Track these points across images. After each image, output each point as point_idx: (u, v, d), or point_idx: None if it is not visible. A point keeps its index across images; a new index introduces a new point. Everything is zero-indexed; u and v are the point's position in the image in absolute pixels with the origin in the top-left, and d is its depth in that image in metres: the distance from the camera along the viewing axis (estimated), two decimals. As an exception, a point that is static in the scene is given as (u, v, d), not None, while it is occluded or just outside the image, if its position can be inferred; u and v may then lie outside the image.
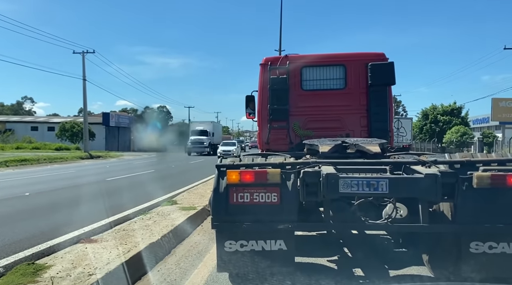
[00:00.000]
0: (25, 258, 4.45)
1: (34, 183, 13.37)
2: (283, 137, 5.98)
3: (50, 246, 4.91)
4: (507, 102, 37.88)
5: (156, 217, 6.50)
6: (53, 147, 38.75)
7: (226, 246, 3.58)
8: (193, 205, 7.63)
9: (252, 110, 6.53)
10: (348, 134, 5.74)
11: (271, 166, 3.61)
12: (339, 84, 6.05)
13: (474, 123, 48.89)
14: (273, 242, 3.54)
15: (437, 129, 44.92)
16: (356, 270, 4.23)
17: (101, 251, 4.47)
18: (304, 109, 5.98)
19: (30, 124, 55.21)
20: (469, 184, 3.33)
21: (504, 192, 3.30)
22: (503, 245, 3.37)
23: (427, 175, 3.24)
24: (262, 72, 6.07)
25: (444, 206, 3.57)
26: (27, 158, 23.94)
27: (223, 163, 3.72)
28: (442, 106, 46.41)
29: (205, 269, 4.36)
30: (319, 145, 4.33)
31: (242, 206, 3.49)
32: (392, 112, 6.07)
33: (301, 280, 3.73)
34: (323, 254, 4.75)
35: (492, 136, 38.81)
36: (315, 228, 4.59)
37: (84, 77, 34.22)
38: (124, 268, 3.91)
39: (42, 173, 17.48)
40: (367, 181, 3.28)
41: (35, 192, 10.80)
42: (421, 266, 4.15)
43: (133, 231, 5.47)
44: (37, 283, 3.50)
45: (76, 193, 10.70)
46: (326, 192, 3.27)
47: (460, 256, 3.43)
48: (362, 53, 6.14)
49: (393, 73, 5.76)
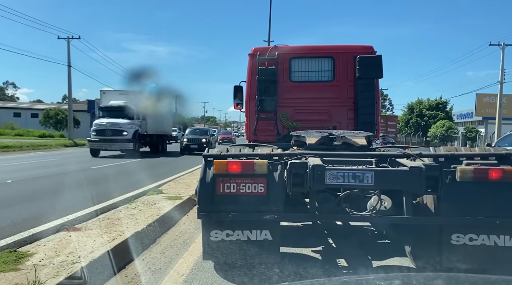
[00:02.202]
0: (6, 245, 4.38)
1: (16, 170, 13.13)
2: (270, 128, 5.99)
3: (33, 234, 4.84)
4: (490, 98, 38.57)
5: (141, 206, 6.46)
6: (37, 134, 38.09)
7: (212, 235, 3.59)
8: (179, 195, 7.60)
9: (240, 100, 6.51)
10: (335, 126, 5.78)
11: (258, 157, 3.61)
12: (327, 76, 6.07)
13: (458, 118, 49.70)
14: (259, 232, 3.56)
15: (422, 123, 45.55)
16: (340, 260, 4.29)
17: (85, 239, 4.43)
18: (292, 100, 5.99)
19: (12, 110, 54.10)
20: (452, 177, 3.40)
21: (485, 186, 3.37)
22: (483, 237, 3.45)
23: (411, 168, 3.29)
24: (250, 62, 6.05)
25: (428, 199, 3.63)
26: (9, 144, 23.46)
27: (210, 153, 3.72)
28: (428, 101, 47.01)
29: (190, 258, 4.36)
30: (306, 137, 4.34)
31: (229, 196, 3.49)
32: (379, 105, 6.14)
33: (289, 268, 3.77)
34: (308, 244, 4.80)
35: (475, 131, 39.54)
36: (300, 219, 4.64)
37: (69, 64, 33.48)
38: (110, 256, 3.89)
39: (25, 160, 17.16)
40: (353, 173, 3.31)
41: (18, 179, 10.61)
42: (404, 257, 4.22)
43: (118, 219, 5.43)
44: (19, 270, 3.45)
45: (60, 181, 10.55)
46: (312, 184, 3.30)
47: (442, 248, 3.51)
48: (351, 46, 6.16)
49: (381, 66, 5.80)
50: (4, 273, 3.39)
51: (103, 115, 20.59)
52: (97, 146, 19.95)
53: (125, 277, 3.80)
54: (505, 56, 31.38)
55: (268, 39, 25.84)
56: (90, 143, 20.25)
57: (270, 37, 25.99)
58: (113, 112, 20.23)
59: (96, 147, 19.97)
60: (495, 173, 3.36)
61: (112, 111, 20.31)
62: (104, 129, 19.73)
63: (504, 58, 31.40)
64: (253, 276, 3.66)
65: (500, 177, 3.35)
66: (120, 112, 19.86)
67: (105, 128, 19.74)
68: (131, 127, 20.19)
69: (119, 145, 20.08)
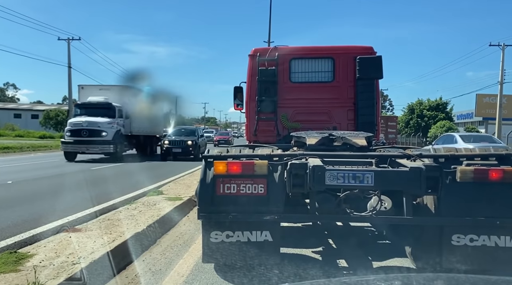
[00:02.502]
0: (7, 247, 4.38)
1: (17, 171, 13.13)
2: (270, 129, 5.98)
3: (33, 235, 4.84)
4: (490, 98, 38.56)
5: (141, 207, 6.46)
6: (37, 135, 38.13)
7: (212, 236, 3.58)
8: (179, 196, 7.60)
9: (240, 101, 6.51)
10: (335, 127, 5.78)
11: (258, 157, 3.61)
12: (327, 77, 6.07)
13: (459, 118, 49.70)
14: (259, 233, 3.56)
15: (422, 124, 45.52)
16: (340, 261, 4.29)
17: (85, 240, 4.43)
18: (292, 101, 5.99)
19: (13, 111, 54.18)
20: (452, 178, 3.39)
21: (486, 186, 3.37)
22: (483, 238, 3.44)
23: (412, 168, 3.29)
24: (250, 63, 6.05)
25: (428, 199, 3.63)
26: (9, 146, 23.49)
27: (210, 154, 3.72)
28: (429, 101, 46.98)
29: (190, 259, 4.36)
30: (306, 138, 4.34)
31: (229, 197, 3.49)
32: (379, 106, 6.13)
33: (289, 269, 3.77)
34: (308, 245, 4.80)
35: (475, 132, 39.53)
36: (301, 219, 4.63)
37: (69, 65, 33.53)
38: (110, 257, 3.89)
39: (25, 161, 17.16)
40: (353, 173, 3.30)
41: (18, 180, 10.61)
42: (404, 258, 4.22)
43: (118, 220, 5.43)
44: (19, 272, 3.45)
45: (60, 182, 10.55)
46: (312, 184, 3.29)
47: (442, 249, 3.50)
48: (351, 47, 6.16)
49: (381, 67, 5.80)
50: (4, 274, 3.39)
51: (81, 113, 17.92)
52: (72, 149, 17.23)
53: (125, 278, 3.80)
54: (505, 57, 31.42)
55: (268, 40, 25.91)
56: (63, 145, 17.42)
57: (270, 38, 26.07)
58: (91, 110, 17.67)
59: (71, 150, 17.26)
60: (495, 174, 3.35)
61: (91, 109, 17.73)
62: (80, 129, 17.08)
63: (504, 58, 31.45)
64: (253, 277, 3.66)
65: (500, 178, 3.35)
66: (100, 110, 17.59)
67: (81, 128, 17.10)
68: (112, 127, 17.56)
69: (97, 148, 17.34)
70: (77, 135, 17.04)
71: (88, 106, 17.94)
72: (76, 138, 17.01)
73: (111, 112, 17.87)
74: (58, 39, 33.77)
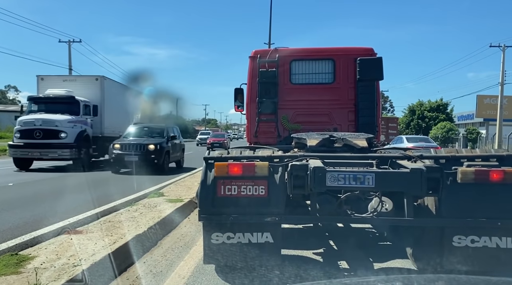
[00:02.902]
0: (8, 249, 4.38)
1: (17, 173, 13.14)
2: (271, 130, 5.99)
3: (34, 237, 4.84)
4: (491, 99, 38.49)
5: (142, 209, 6.46)
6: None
7: (213, 238, 3.58)
8: (180, 197, 7.60)
9: (241, 102, 6.51)
10: (336, 128, 5.78)
11: (259, 159, 3.61)
12: (328, 79, 6.07)
13: (459, 120, 49.62)
14: (260, 235, 3.56)
15: (423, 125, 45.48)
16: (342, 262, 4.29)
17: (86, 242, 4.43)
18: (292, 102, 5.99)
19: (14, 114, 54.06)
20: (453, 179, 3.39)
21: (487, 187, 3.37)
22: (484, 239, 3.44)
23: (412, 169, 3.29)
24: (251, 65, 6.06)
25: (429, 201, 3.63)
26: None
27: (211, 156, 3.72)
28: (429, 102, 46.95)
29: (191, 261, 4.36)
30: (307, 139, 4.34)
31: (230, 199, 3.49)
32: (379, 107, 6.13)
33: (290, 271, 3.77)
34: (309, 246, 4.80)
35: (476, 133, 39.48)
36: (301, 221, 4.64)
37: (70, 67, 33.60)
38: (111, 259, 3.89)
39: (26, 163, 17.12)
40: (353, 175, 3.31)
41: (19, 182, 10.62)
42: (405, 259, 4.22)
43: (119, 222, 5.43)
44: (20, 274, 3.45)
45: (62, 184, 10.56)
46: (313, 186, 3.29)
47: (443, 250, 3.50)
48: (351, 48, 6.17)
49: (382, 68, 5.80)
50: (6, 276, 3.40)
51: (37, 109, 14.12)
52: (21, 154, 13.40)
53: (126, 280, 3.80)
54: (505, 58, 31.41)
55: (269, 41, 25.90)
56: (11, 149, 13.54)
57: (271, 40, 26.05)
58: (50, 105, 13.95)
59: (20, 156, 13.43)
60: (496, 175, 3.35)
61: (49, 104, 13.99)
62: (32, 129, 13.33)
63: (504, 59, 31.43)
64: (254, 278, 3.66)
65: (501, 179, 3.35)
66: (61, 105, 13.84)
67: (33, 127, 13.35)
68: (74, 126, 13.81)
69: (55, 152, 13.43)
70: (28, 136, 13.34)
71: (46, 101, 14.16)
72: (26, 141, 13.31)
73: (75, 107, 14.00)
74: (59, 42, 33.88)
